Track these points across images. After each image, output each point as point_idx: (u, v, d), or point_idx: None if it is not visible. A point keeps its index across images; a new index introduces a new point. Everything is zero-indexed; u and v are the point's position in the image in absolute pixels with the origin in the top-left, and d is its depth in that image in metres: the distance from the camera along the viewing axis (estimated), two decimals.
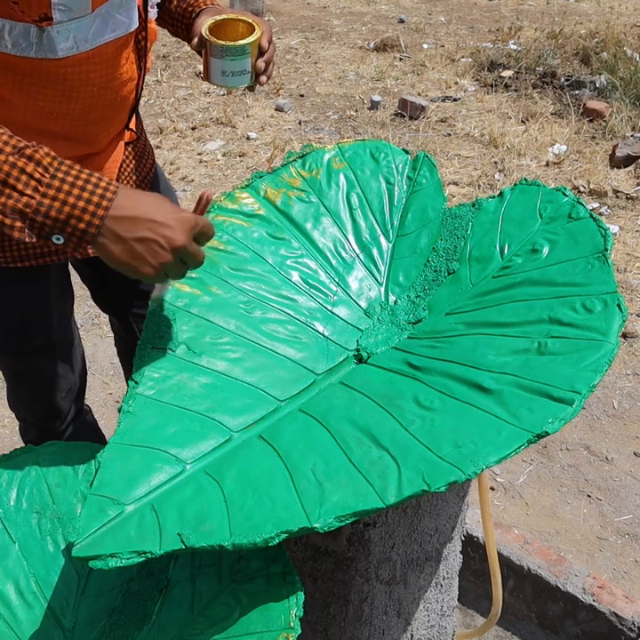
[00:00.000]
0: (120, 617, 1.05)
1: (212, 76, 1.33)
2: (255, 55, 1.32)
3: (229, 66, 1.30)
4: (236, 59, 1.30)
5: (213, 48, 1.29)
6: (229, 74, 1.32)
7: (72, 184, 0.93)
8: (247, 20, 1.34)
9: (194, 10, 1.41)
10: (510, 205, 1.26)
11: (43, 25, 1.10)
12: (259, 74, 1.34)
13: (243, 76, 1.33)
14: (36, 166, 0.93)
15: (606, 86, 4.70)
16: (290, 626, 0.91)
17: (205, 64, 1.33)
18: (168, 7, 1.45)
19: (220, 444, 1.01)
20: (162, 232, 0.96)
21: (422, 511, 1.19)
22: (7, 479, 1.17)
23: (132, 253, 0.96)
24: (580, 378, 0.96)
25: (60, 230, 0.94)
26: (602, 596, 1.73)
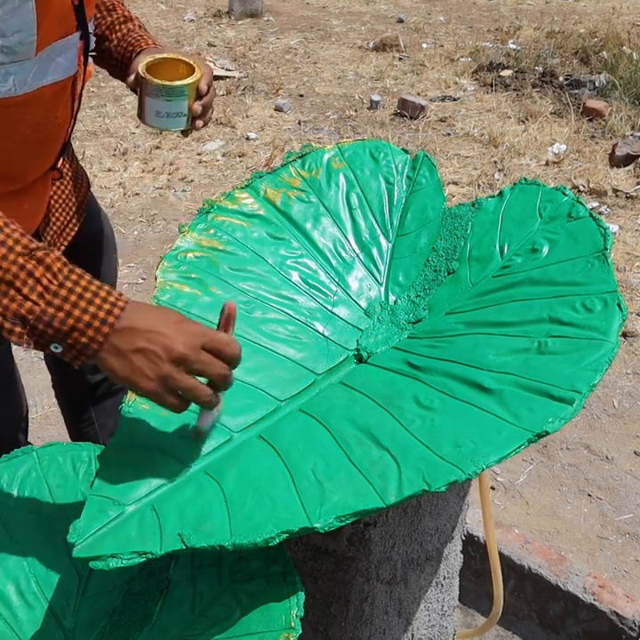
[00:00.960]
0: (121, 617, 1.05)
1: (146, 116, 1.28)
2: (193, 98, 1.27)
3: (164, 106, 1.25)
4: (172, 100, 1.25)
5: (149, 87, 1.24)
6: (164, 115, 1.26)
7: (80, 295, 0.89)
8: (187, 60, 1.29)
9: (134, 49, 1.37)
10: (510, 205, 1.26)
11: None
12: (195, 118, 1.29)
13: (178, 119, 1.27)
14: (46, 271, 0.88)
15: (606, 85, 4.71)
16: (291, 626, 0.91)
17: (140, 103, 1.27)
18: (108, 46, 1.41)
19: (220, 444, 1.01)
20: (160, 341, 0.89)
21: (423, 511, 1.19)
22: (7, 480, 1.17)
23: (131, 366, 0.89)
24: (580, 377, 0.96)
25: (60, 340, 0.89)
26: (602, 596, 1.73)
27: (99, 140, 4.39)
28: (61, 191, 1.43)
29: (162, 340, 0.89)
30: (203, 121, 1.31)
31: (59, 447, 1.22)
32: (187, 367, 0.90)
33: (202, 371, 0.90)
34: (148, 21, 6.35)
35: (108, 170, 4.08)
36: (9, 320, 0.88)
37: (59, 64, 1.17)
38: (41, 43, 1.10)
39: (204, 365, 0.90)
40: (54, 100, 1.22)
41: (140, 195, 3.87)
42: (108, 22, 1.41)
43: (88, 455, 1.21)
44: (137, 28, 1.42)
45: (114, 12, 1.42)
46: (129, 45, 1.38)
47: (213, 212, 1.27)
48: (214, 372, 0.91)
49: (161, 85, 1.23)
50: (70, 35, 1.18)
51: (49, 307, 0.88)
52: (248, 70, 5.38)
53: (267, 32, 6.18)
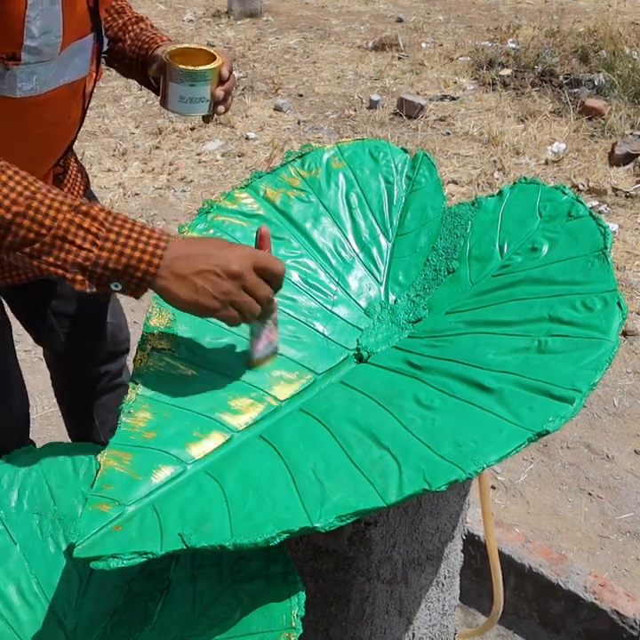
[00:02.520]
0: (121, 617, 1.05)
1: (170, 102, 1.31)
2: (215, 83, 1.31)
3: (188, 92, 1.29)
4: (195, 84, 1.28)
5: (173, 72, 1.28)
6: (187, 100, 1.30)
7: (127, 236, 0.97)
8: (208, 49, 1.33)
9: (150, 47, 1.41)
10: (510, 204, 1.26)
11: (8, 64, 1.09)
12: (217, 103, 1.33)
13: (200, 104, 1.31)
14: (92, 221, 0.97)
15: (605, 84, 4.70)
16: (291, 626, 0.91)
17: (164, 90, 1.31)
18: (122, 47, 1.44)
19: (220, 444, 1.01)
20: (216, 262, 0.98)
21: (423, 510, 1.19)
22: (8, 480, 1.17)
23: (193, 288, 0.98)
24: (580, 376, 0.96)
25: (119, 278, 0.98)
26: (603, 595, 1.73)
27: (98, 141, 4.39)
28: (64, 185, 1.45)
29: (218, 261, 0.98)
30: (224, 106, 1.35)
31: (59, 447, 1.22)
32: (242, 284, 0.99)
33: (251, 290, 1.00)
34: None
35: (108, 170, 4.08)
36: (70, 271, 0.97)
37: (75, 65, 1.22)
38: (64, 43, 1.15)
39: (254, 286, 1.00)
40: (69, 100, 1.26)
41: (139, 195, 3.87)
42: (120, 24, 1.45)
43: (88, 455, 1.21)
44: (149, 28, 1.46)
45: (124, 15, 1.46)
46: (144, 44, 1.41)
47: (213, 212, 1.27)
48: (261, 293, 1.01)
49: (185, 70, 1.27)
50: (86, 36, 1.22)
51: (102, 251, 0.97)
52: (247, 70, 5.38)
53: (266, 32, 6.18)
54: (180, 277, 0.98)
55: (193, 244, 1.01)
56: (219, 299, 0.99)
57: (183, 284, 0.98)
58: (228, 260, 0.98)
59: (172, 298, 0.99)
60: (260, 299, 1.01)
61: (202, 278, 0.98)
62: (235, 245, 1.03)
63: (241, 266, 0.98)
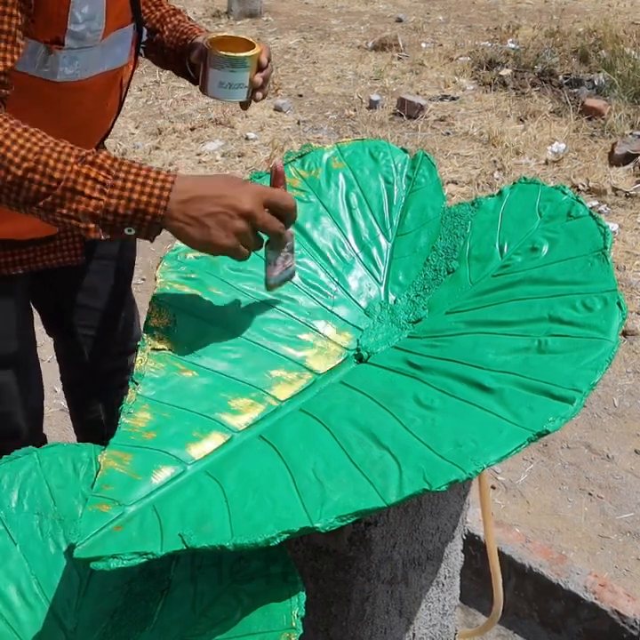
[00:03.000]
0: (122, 618, 1.05)
1: (210, 88, 1.34)
2: (254, 70, 1.33)
3: (228, 77, 1.31)
4: (235, 70, 1.31)
5: (214, 58, 1.30)
6: (227, 85, 1.32)
7: (134, 181, 0.99)
8: (247, 38, 1.36)
9: (189, 37, 1.44)
10: (510, 204, 1.26)
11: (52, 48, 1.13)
12: (255, 89, 1.35)
13: (240, 90, 1.33)
14: (99, 170, 0.99)
15: (605, 84, 4.71)
16: (292, 626, 0.91)
17: (204, 76, 1.34)
18: (160, 38, 1.47)
19: (220, 444, 1.01)
20: (228, 202, 1.00)
21: (423, 510, 1.19)
22: (8, 481, 1.17)
23: (207, 229, 1.01)
24: (580, 376, 0.96)
25: (130, 223, 1.00)
26: (603, 595, 1.73)
27: None
28: None
29: (229, 202, 1.01)
30: (262, 93, 1.37)
31: (59, 448, 1.22)
32: (252, 223, 1.02)
33: (262, 226, 1.03)
34: None
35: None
36: (82, 221, 1.00)
37: (115, 53, 1.25)
38: (106, 31, 1.18)
39: (265, 222, 1.03)
40: (105, 89, 1.29)
41: None
42: (158, 15, 1.48)
43: (89, 456, 1.21)
44: (186, 20, 1.49)
45: (161, 7, 1.50)
46: (182, 34, 1.44)
47: None
48: (272, 228, 1.04)
49: (225, 56, 1.29)
50: (127, 25, 1.26)
51: (111, 198, 0.99)
52: None
53: (266, 32, 6.18)
54: (193, 219, 1.00)
55: (203, 184, 1.02)
56: (231, 237, 1.02)
57: (198, 225, 1.01)
58: (240, 200, 1.01)
59: (187, 238, 1.02)
60: (270, 234, 1.05)
61: (215, 219, 1.01)
62: (244, 183, 1.04)
63: (252, 204, 1.01)
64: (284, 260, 1.12)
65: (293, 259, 1.14)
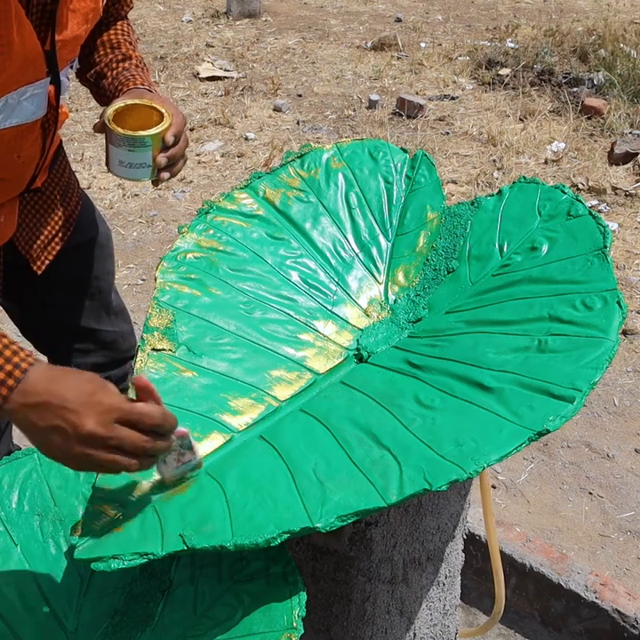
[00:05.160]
0: (122, 619, 1.05)
1: (111, 165, 1.25)
2: (158, 149, 1.22)
3: (127, 156, 1.21)
4: (134, 150, 1.20)
5: (112, 135, 1.21)
6: (127, 165, 1.23)
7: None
8: (159, 109, 1.24)
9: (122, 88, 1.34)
10: (509, 203, 1.26)
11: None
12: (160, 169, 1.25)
13: (142, 170, 1.23)
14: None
15: (604, 83, 4.70)
16: (293, 626, 0.91)
17: (106, 150, 1.25)
18: (104, 84, 1.39)
19: (221, 444, 1.01)
20: (69, 418, 0.85)
21: (424, 510, 1.19)
22: (9, 482, 1.17)
23: (49, 444, 0.87)
24: (580, 375, 0.96)
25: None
26: (604, 594, 1.73)
27: (98, 142, 4.39)
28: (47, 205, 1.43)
29: (71, 418, 0.86)
30: (170, 172, 1.26)
31: None
32: (101, 444, 0.86)
33: (119, 446, 0.87)
34: (145, 22, 6.34)
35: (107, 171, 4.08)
36: None
37: (24, 107, 1.17)
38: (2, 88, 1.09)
39: (120, 441, 0.87)
40: (16, 141, 1.21)
41: (139, 196, 3.87)
42: (107, 60, 1.40)
43: None
44: (132, 67, 1.39)
45: (117, 50, 1.41)
46: (119, 84, 1.35)
47: (213, 213, 1.27)
48: (133, 445, 0.87)
49: (123, 135, 1.20)
50: (40, 80, 1.17)
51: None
52: (246, 70, 5.38)
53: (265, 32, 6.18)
54: (37, 430, 0.87)
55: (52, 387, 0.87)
56: (74, 460, 0.87)
57: (41, 438, 0.87)
58: (81, 419, 0.85)
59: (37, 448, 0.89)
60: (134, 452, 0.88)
61: (55, 436, 0.86)
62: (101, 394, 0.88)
63: (95, 424, 0.85)
64: (179, 457, 0.95)
65: (194, 452, 0.97)
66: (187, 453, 0.95)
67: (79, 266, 1.56)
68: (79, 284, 1.56)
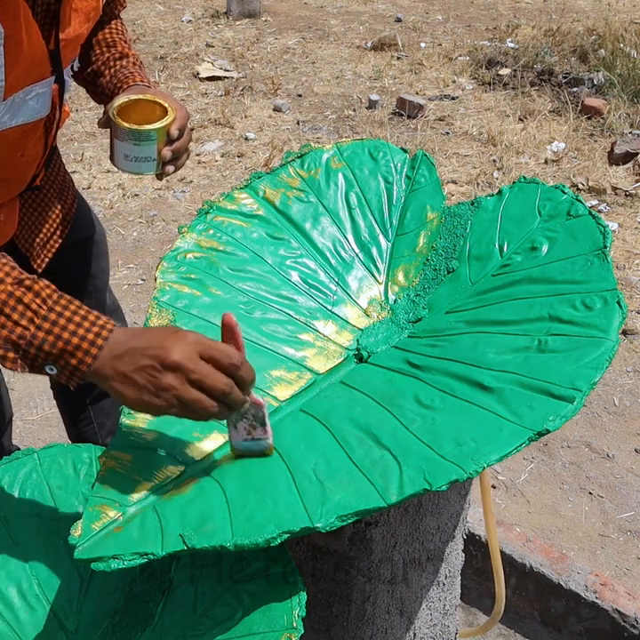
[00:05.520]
0: (123, 619, 1.05)
1: (116, 160, 1.25)
2: (163, 142, 1.23)
3: (133, 150, 1.22)
4: (140, 144, 1.21)
5: (117, 130, 1.21)
6: (132, 159, 1.23)
7: (69, 319, 0.90)
8: (163, 103, 1.25)
9: (122, 85, 1.35)
10: (509, 203, 1.26)
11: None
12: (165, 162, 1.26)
13: (147, 163, 1.24)
14: (35, 297, 0.90)
15: (604, 83, 4.70)
16: (293, 626, 0.91)
17: (111, 145, 1.25)
18: (102, 82, 1.39)
19: (220, 444, 1.01)
20: (154, 353, 0.88)
21: (424, 510, 1.19)
22: (9, 482, 1.17)
23: (136, 386, 0.89)
24: (580, 375, 0.96)
25: (53, 362, 0.90)
26: (604, 594, 1.73)
27: (97, 142, 4.39)
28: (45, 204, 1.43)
29: (156, 352, 0.88)
30: (174, 166, 1.27)
31: (59, 449, 1.22)
32: (186, 377, 0.88)
33: (199, 381, 0.88)
34: (145, 22, 6.34)
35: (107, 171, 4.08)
36: (1, 347, 0.90)
37: (30, 107, 1.18)
38: (10, 88, 1.10)
39: (203, 376, 0.88)
40: (21, 140, 1.22)
41: (139, 196, 3.87)
42: (104, 58, 1.41)
43: (89, 456, 1.21)
44: (130, 65, 1.40)
45: (113, 49, 1.42)
46: (118, 82, 1.36)
47: (213, 213, 1.27)
48: (213, 384, 0.88)
49: (128, 129, 1.20)
50: (45, 79, 1.18)
51: (39, 330, 0.89)
52: (246, 70, 5.38)
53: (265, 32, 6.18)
54: (123, 376, 0.89)
55: (136, 336, 0.91)
56: (162, 396, 0.88)
57: (128, 383, 0.89)
58: (166, 350, 0.88)
59: (122, 399, 0.91)
60: (212, 392, 0.89)
61: (142, 374, 0.88)
62: (183, 332, 0.91)
63: (181, 355, 0.87)
64: (250, 428, 0.95)
65: (266, 432, 0.96)
66: (259, 428, 0.95)
67: (76, 264, 1.56)
68: (77, 282, 1.57)
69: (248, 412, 0.94)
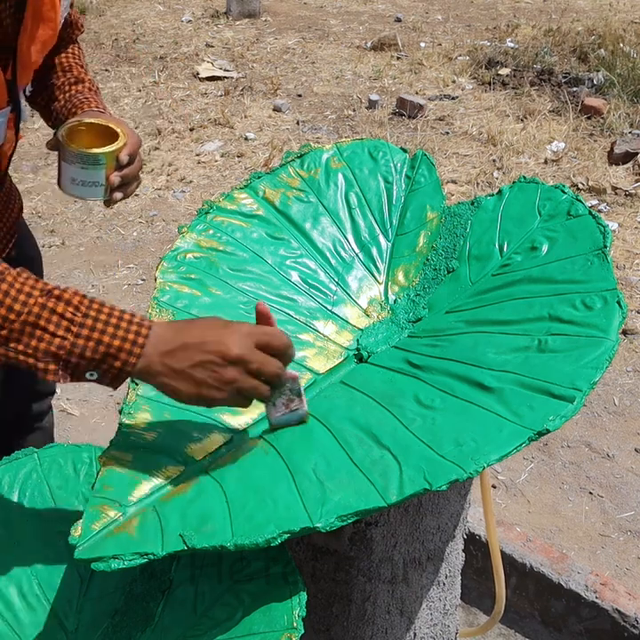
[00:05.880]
0: (123, 619, 1.05)
1: (62, 183, 1.23)
2: (112, 168, 1.20)
3: (80, 174, 1.19)
4: (87, 167, 1.19)
5: (66, 152, 1.19)
6: (79, 182, 1.20)
7: (105, 322, 0.90)
8: (115, 128, 1.23)
9: (76, 111, 1.32)
10: (509, 203, 1.26)
11: None
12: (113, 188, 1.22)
13: (94, 188, 1.21)
14: (67, 306, 0.90)
15: (604, 83, 4.70)
16: (293, 626, 0.91)
17: (58, 169, 1.22)
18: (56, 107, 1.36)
19: (221, 444, 1.01)
20: (214, 349, 0.91)
21: (424, 510, 1.19)
22: (9, 482, 1.17)
23: (194, 381, 0.91)
24: (580, 375, 0.96)
25: (95, 367, 0.91)
26: (604, 593, 1.73)
27: None
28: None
29: (216, 348, 0.91)
30: (122, 193, 1.24)
31: (59, 449, 1.22)
32: (245, 368, 0.92)
33: (258, 370, 0.93)
34: (145, 22, 6.34)
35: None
36: (41, 360, 0.89)
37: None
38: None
39: (260, 364, 0.93)
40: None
41: (139, 196, 3.87)
42: (59, 83, 1.38)
43: (89, 457, 1.21)
44: (86, 90, 1.37)
45: (68, 73, 1.39)
46: (73, 107, 1.33)
47: (212, 213, 1.27)
48: (270, 370, 0.94)
49: (76, 151, 1.18)
50: (2, 109, 1.16)
51: (78, 338, 0.89)
52: (246, 70, 5.38)
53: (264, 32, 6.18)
54: (179, 372, 0.91)
55: (183, 330, 0.93)
56: (223, 389, 0.92)
57: (183, 379, 0.91)
58: (227, 345, 0.91)
59: (175, 394, 0.93)
60: (269, 378, 0.95)
61: (201, 370, 0.91)
62: (232, 324, 0.94)
63: (241, 348, 0.91)
64: (287, 402, 1.00)
65: (302, 402, 1.01)
66: (295, 400, 1.00)
67: None
68: None
69: (286, 388, 0.99)
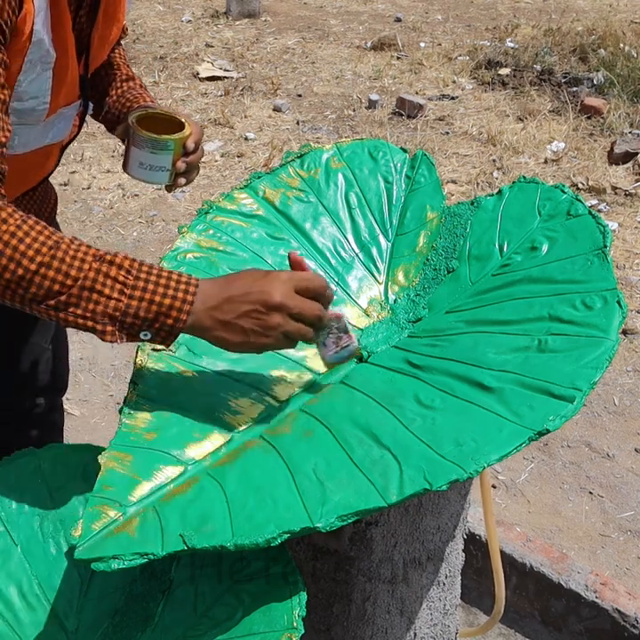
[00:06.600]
0: (123, 619, 1.05)
1: (130, 167, 1.28)
2: (178, 154, 1.26)
3: (149, 158, 1.25)
4: (156, 152, 1.24)
5: (136, 137, 1.25)
6: (147, 167, 1.26)
7: (156, 283, 0.96)
8: (179, 118, 1.29)
9: (132, 105, 1.38)
10: (509, 203, 1.26)
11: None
12: (178, 174, 1.28)
13: (160, 173, 1.27)
14: (119, 269, 0.95)
15: (604, 83, 4.71)
16: (293, 626, 0.91)
17: (126, 153, 1.28)
18: (107, 102, 1.41)
19: (221, 444, 1.01)
20: (256, 298, 0.96)
21: (424, 510, 1.19)
22: (9, 482, 1.17)
23: (242, 330, 0.97)
24: (580, 375, 0.96)
25: (149, 326, 0.96)
26: (604, 593, 1.73)
27: (97, 142, 4.39)
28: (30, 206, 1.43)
29: (259, 297, 0.96)
30: (185, 179, 1.30)
31: (60, 449, 1.22)
32: (288, 312, 0.97)
33: (299, 314, 0.98)
34: (145, 22, 6.34)
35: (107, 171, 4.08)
36: (99, 322, 0.95)
37: (58, 128, 1.22)
38: (51, 110, 1.14)
39: (301, 309, 0.98)
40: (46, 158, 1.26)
41: (139, 196, 3.87)
42: (110, 80, 1.44)
43: (89, 457, 1.21)
44: (137, 87, 1.44)
45: (118, 71, 1.45)
46: (127, 101, 1.39)
47: (212, 213, 1.27)
48: (311, 313, 0.99)
49: (147, 137, 1.23)
50: (74, 102, 1.22)
51: (131, 300, 0.95)
52: (246, 70, 5.38)
53: (264, 32, 6.18)
54: (226, 323, 0.97)
55: (227, 284, 0.98)
56: (270, 334, 0.97)
57: (232, 329, 0.97)
58: (268, 293, 0.96)
59: (224, 344, 0.99)
60: (310, 320, 0.99)
61: (247, 319, 0.97)
62: (269, 273, 1.00)
63: (282, 295, 0.97)
64: (337, 340, 1.05)
65: (351, 337, 1.07)
66: (343, 337, 1.06)
67: None
68: None
69: (332, 327, 1.04)
